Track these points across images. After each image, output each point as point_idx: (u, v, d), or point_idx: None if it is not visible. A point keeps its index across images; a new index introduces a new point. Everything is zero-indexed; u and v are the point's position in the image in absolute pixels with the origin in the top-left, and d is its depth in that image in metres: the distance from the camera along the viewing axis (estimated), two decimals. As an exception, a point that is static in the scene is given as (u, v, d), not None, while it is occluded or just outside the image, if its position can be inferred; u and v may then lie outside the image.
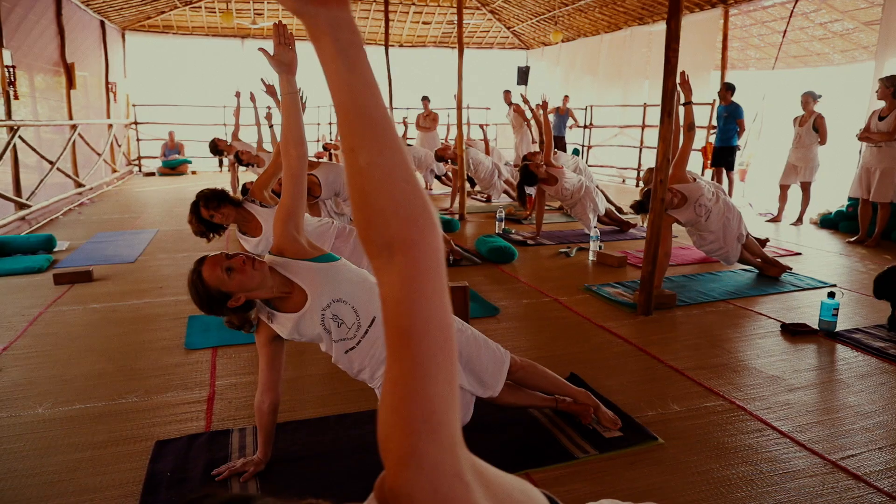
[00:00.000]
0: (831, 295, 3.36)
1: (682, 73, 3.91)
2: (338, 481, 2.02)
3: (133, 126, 12.48)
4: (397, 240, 0.57)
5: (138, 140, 12.56)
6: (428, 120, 10.62)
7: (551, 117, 11.88)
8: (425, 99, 10.79)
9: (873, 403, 2.56)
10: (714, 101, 8.61)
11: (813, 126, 6.46)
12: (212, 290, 1.76)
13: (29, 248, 5.23)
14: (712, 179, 8.06)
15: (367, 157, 0.58)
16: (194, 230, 3.18)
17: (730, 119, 7.49)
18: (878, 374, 2.84)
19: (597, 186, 7.33)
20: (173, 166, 12.14)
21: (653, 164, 4.13)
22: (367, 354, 1.98)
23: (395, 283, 0.58)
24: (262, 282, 1.80)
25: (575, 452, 2.15)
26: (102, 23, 10.65)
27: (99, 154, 9.83)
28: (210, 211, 3.11)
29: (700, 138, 9.13)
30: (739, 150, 7.77)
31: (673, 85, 3.38)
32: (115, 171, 10.91)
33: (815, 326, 3.39)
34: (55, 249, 5.41)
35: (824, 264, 4.98)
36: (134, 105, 12.51)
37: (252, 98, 7.01)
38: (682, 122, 3.98)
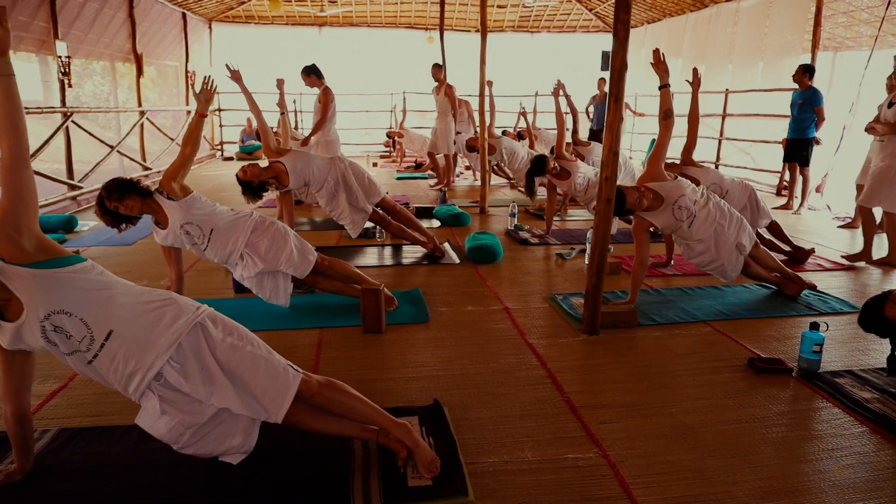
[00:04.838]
0: (814, 326, 2.67)
1: (656, 52, 3.30)
2: (99, 500, 1.82)
3: (216, 112, 13.14)
4: None
5: (221, 126, 13.21)
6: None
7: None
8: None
9: (797, 476, 1.95)
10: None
11: (900, 114, 5.36)
12: None
13: (49, 228, 5.55)
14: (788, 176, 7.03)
15: None
16: (104, 222, 3.12)
17: (805, 107, 6.43)
18: (840, 434, 2.19)
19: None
20: (249, 151, 12.63)
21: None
22: (109, 368, 1.76)
23: None
24: None
25: (354, 501, 1.79)
26: (184, 14, 11.25)
27: (172, 139, 10.41)
28: (113, 202, 3.01)
29: (781, 130, 8.00)
30: (818, 143, 6.65)
31: (622, 63, 2.82)
32: (191, 155, 11.52)
33: (795, 364, 2.73)
34: (76, 230, 5.71)
35: (878, 283, 4.08)
36: (218, 92, 13.14)
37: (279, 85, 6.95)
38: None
